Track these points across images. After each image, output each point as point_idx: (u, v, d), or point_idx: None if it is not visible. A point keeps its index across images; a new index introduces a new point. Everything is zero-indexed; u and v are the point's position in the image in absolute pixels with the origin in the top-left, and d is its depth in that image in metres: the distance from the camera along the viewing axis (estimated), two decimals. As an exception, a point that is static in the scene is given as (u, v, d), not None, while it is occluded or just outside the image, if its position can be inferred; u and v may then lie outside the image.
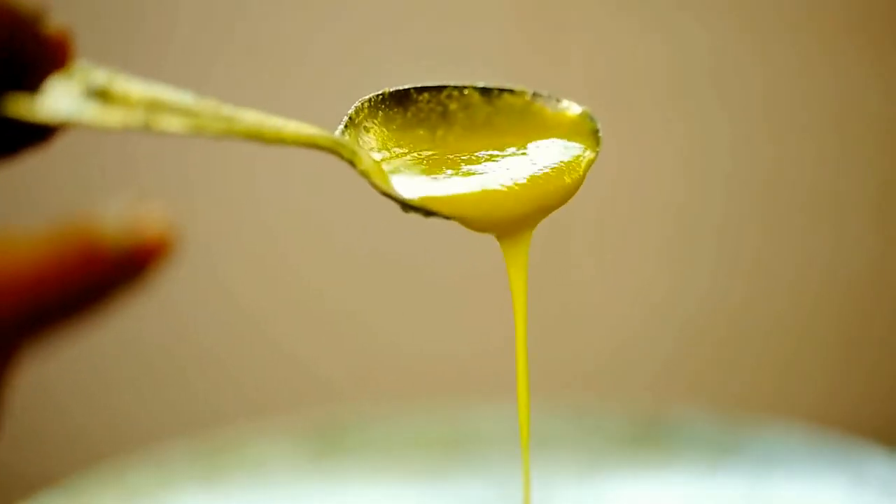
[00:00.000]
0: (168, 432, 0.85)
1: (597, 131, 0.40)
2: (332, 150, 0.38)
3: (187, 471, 0.66)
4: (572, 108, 0.40)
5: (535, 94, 0.40)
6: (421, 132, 0.40)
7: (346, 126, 0.39)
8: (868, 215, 0.95)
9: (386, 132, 0.40)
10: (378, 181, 0.38)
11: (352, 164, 0.38)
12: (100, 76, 0.35)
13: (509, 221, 0.39)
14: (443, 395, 0.89)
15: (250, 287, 0.94)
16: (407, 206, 0.38)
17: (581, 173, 0.39)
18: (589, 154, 0.40)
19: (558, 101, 0.40)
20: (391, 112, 0.40)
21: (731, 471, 0.66)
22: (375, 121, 0.40)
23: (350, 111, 0.39)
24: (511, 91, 0.40)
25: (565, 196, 0.39)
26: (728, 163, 0.95)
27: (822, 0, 0.92)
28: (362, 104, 0.39)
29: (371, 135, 0.39)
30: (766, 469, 0.66)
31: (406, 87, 0.40)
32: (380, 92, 0.40)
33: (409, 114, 0.40)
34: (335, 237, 0.95)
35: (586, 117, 0.40)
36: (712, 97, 0.94)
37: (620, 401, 0.89)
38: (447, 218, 0.38)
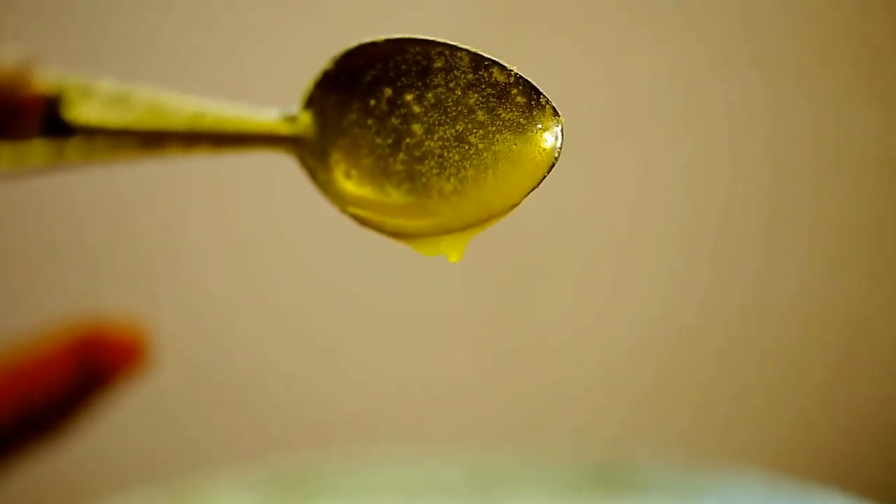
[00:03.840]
0: (131, 480, 0.85)
1: (557, 150, 0.38)
2: (288, 152, 0.38)
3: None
4: (544, 116, 0.38)
5: (518, 78, 0.38)
6: (390, 93, 0.39)
7: (317, 85, 0.39)
8: (857, 249, 0.95)
9: (356, 87, 0.39)
10: (320, 189, 0.39)
11: (299, 160, 0.39)
12: (68, 95, 0.34)
13: (441, 247, 0.40)
14: (402, 441, 0.89)
15: (220, 332, 0.94)
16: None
17: (520, 199, 0.39)
18: (535, 179, 0.39)
19: (537, 96, 0.38)
20: (372, 58, 0.39)
21: (693, 515, 0.66)
22: (346, 70, 0.38)
23: (326, 63, 0.39)
24: (501, 66, 0.38)
25: (497, 221, 0.39)
26: (710, 203, 0.95)
27: (822, 13, 0.92)
28: (348, 47, 0.39)
29: (336, 93, 0.39)
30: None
31: (403, 36, 0.39)
32: (373, 38, 0.39)
33: (390, 63, 0.39)
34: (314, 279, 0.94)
35: (554, 130, 0.38)
36: (704, 118, 0.94)
37: (583, 445, 0.89)
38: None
